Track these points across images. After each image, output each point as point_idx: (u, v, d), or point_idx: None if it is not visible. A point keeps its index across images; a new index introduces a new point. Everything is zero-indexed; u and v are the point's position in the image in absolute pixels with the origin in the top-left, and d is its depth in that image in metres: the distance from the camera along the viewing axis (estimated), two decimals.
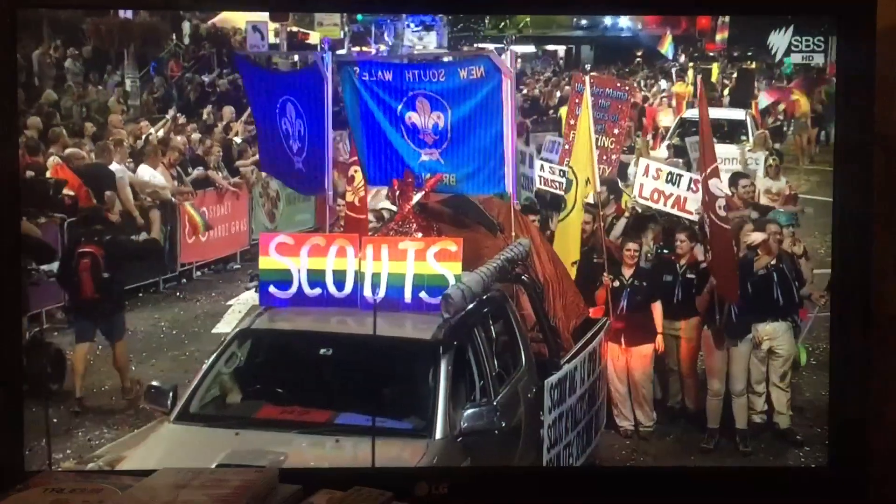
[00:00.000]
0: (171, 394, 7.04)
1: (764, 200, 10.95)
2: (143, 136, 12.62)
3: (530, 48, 18.77)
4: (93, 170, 11.03)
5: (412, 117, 8.08)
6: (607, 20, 18.19)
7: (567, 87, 16.05)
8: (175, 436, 6.93)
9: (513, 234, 8.28)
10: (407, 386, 6.95)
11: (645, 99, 16.47)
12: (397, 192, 7.92)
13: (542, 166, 10.83)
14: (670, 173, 10.28)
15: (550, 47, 19.22)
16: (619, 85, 11.82)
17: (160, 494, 4.56)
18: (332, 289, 7.05)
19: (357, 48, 17.45)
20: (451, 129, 8.03)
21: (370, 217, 9.25)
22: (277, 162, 8.88)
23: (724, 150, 12.19)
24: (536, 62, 18.79)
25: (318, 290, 7.07)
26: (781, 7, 8.77)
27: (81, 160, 11.18)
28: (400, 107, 8.10)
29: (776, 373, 9.30)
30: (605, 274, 9.21)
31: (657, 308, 9.33)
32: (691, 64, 17.98)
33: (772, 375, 9.32)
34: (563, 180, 10.21)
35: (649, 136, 15.09)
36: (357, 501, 4.62)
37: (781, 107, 15.62)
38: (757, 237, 9.30)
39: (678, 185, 10.07)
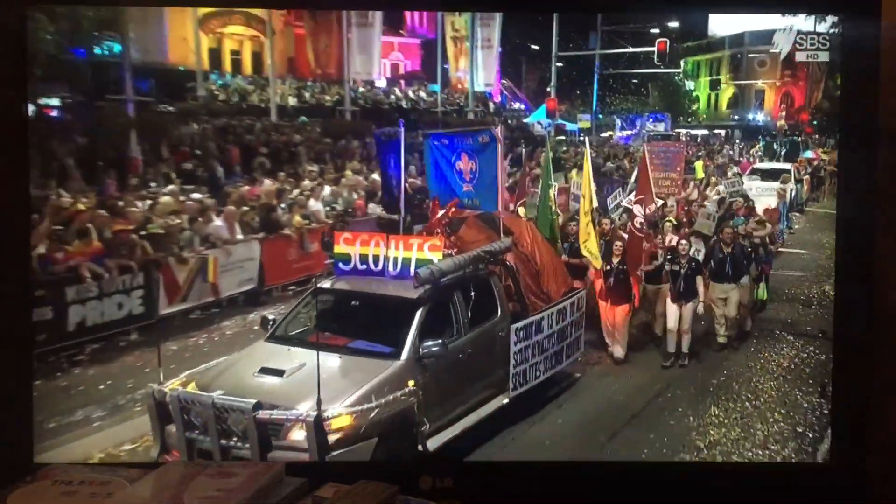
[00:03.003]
0: (271, 323, 7.59)
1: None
2: None
3: (704, 131, 19.16)
4: None
5: (459, 164, 8.62)
6: (749, 115, 18.76)
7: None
8: (257, 348, 7.42)
9: (501, 236, 8.47)
10: (395, 326, 7.16)
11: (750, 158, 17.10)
12: (429, 210, 8.58)
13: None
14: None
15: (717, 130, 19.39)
16: (677, 144, 13.48)
17: (169, 486, 3.69)
18: (371, 266, 7.62)
19: (607, 133, 18.32)
20: (477, 172, 8.50)
21: None
22: (390, 197, 9.28)
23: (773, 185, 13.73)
24: (712, 139, 19.03)
25: (364, 266, 7.63)
26: (788, 4, 7.64)
27: None
28: (453, 158, 8.64)
29: (728, 312, 9.90)
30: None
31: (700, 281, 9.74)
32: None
33: (727, 312, 9.90)
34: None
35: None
36: (362, 495, 3.81)
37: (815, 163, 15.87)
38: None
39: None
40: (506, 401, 7.89)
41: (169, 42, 14.26)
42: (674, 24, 16.95)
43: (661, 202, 11.33)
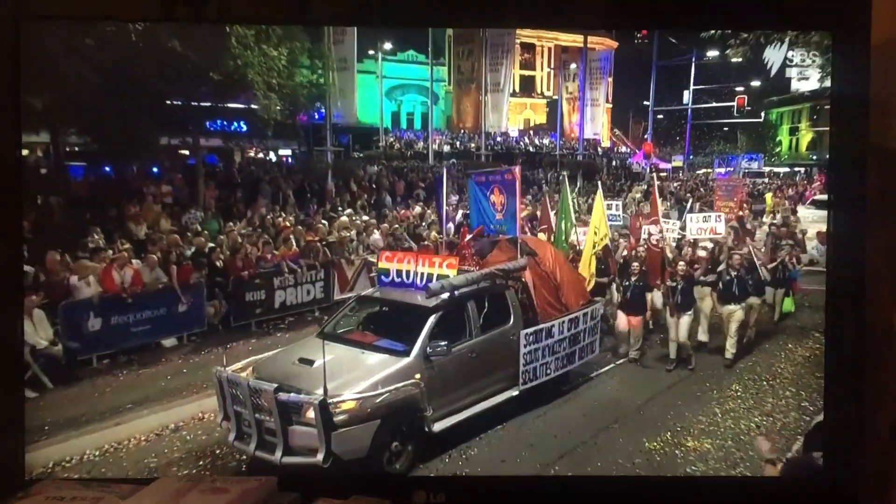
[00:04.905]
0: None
1: None
2: None
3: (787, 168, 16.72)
4: None
5: (492, 197, 7.60)
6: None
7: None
8: (306, 342, 6.66)
9: (519, 257, 7.24)
10: (412, 329, 6.26)
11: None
12: (461, 233, 7.50)
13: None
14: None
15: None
16: (737, 179, 12.61)
17: (161, 502, 2.83)
18: (405, 279, 6.75)
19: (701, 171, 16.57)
20: (506, 204, 7.47)
21: None
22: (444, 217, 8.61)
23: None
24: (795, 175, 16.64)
25: (399, 279, 6.78)
26: (778, 24, 5.96)
27: None
28: (488, 192, 7.64)
29: (731, 330, 7.94)
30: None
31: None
32: None
33: (729, 330, 7.94)
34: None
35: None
36: None
37: None
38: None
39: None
40: (516, 392, 6.75)
41: (359, 107, 14.34)
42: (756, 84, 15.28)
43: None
